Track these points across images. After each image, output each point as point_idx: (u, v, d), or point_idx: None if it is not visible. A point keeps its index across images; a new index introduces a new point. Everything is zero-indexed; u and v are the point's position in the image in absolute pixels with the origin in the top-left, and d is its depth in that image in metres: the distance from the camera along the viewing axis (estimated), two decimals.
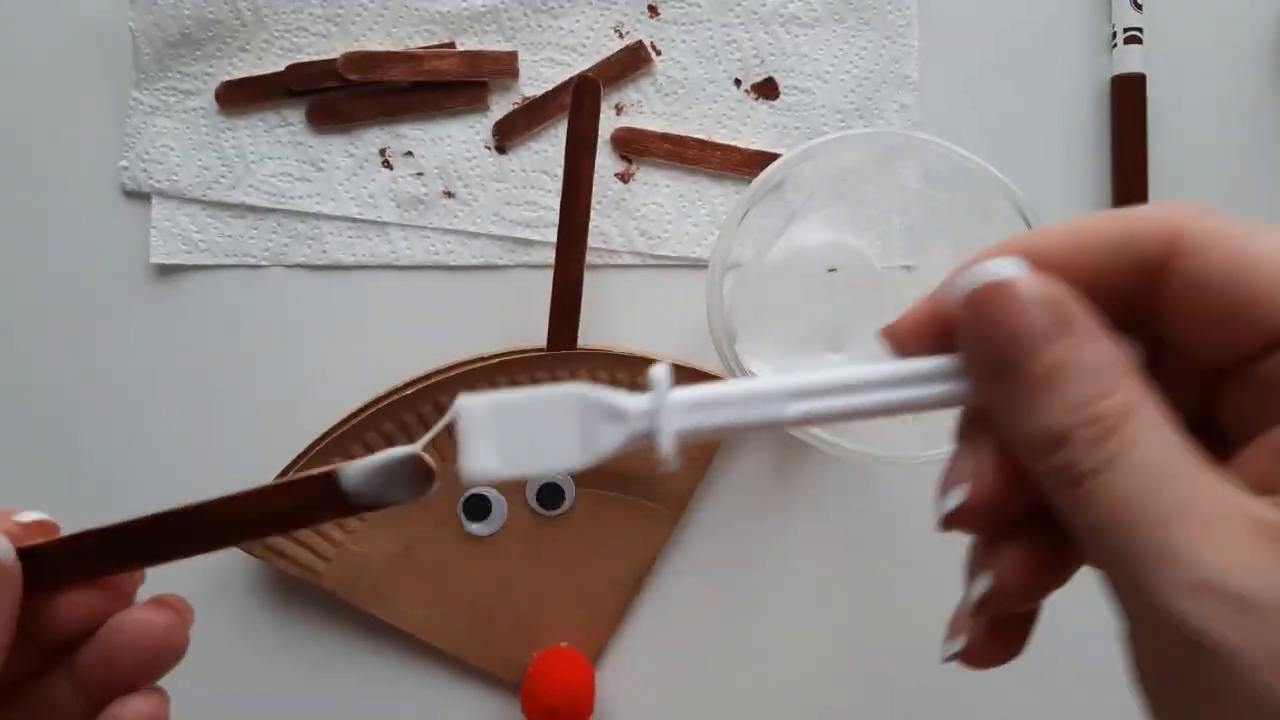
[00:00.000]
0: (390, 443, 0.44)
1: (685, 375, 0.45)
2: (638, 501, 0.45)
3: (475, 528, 0.45)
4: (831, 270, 0.43)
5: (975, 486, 0.21)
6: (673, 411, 0.22)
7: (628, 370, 0.44)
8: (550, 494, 0.45)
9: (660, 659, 0.46)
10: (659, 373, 0.23)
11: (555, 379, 0.44)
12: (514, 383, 0.44)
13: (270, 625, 0.46)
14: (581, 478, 0.45)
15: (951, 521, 0.22)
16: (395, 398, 0.44)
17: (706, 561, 0.46)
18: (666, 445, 0.22)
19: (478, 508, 0.45)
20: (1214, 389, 0.21)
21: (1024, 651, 0.23)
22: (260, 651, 0.46)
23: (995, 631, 0.23)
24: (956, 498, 0.21)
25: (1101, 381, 0.19)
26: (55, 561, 0.26)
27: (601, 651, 0.46)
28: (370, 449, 0.44)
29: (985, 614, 0.23)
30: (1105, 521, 0.18)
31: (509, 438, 0.23)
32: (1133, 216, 0.21)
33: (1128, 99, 0.46)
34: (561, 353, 0.44)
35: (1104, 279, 0.21)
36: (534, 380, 0.44)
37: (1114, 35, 0.47)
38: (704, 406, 0.22)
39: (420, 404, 0.44)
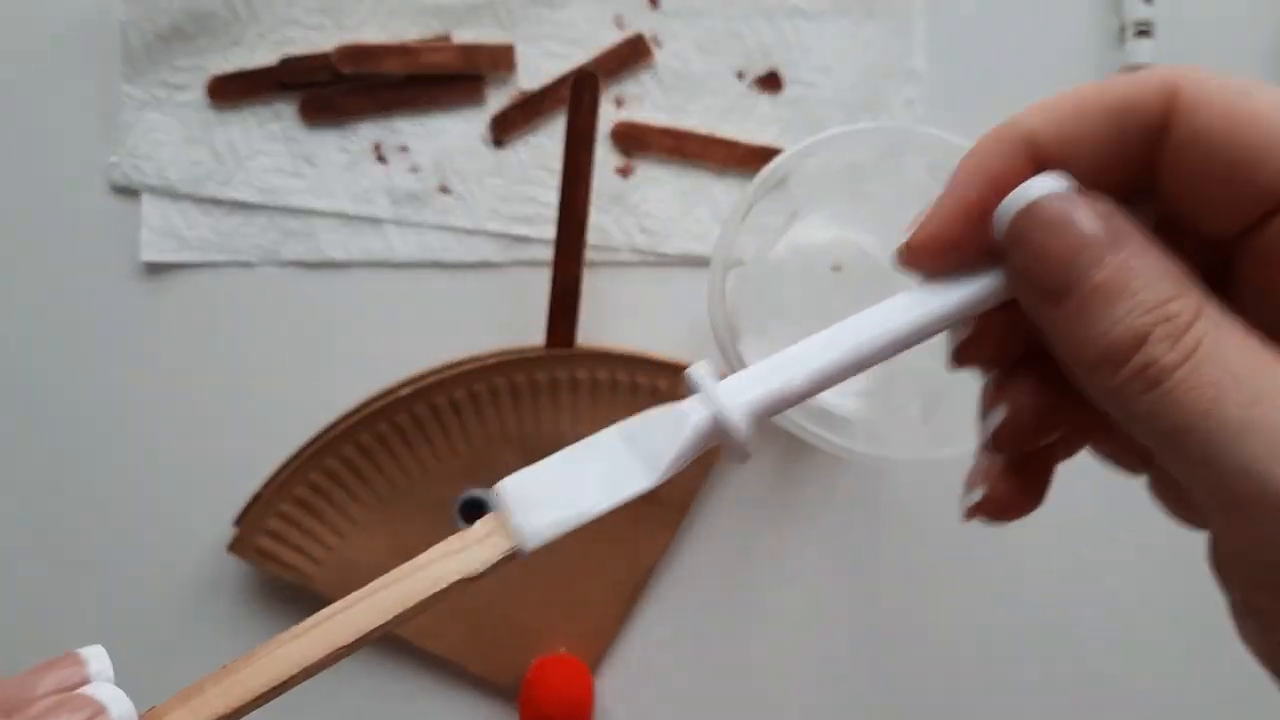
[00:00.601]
0: (385, 445, 0.43)
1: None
2: (639, 505, 0.44)
3: None
4: (836, 268, 0.42)
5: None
6: (730, 393, 0.22)
7: (627, 370, 0.43)
8: None
9: (661, 666, 0.45)
10: (699, 367, 0.22)
11: (554, 379, 0.43)
12: (511, 383, 0.43)
13: (262, 630, 0.45)
14: None
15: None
16: (390, 399, 0.43)
17: (711, 566, 0.45)
18: (740, 424, 0.21)
19: (475, 511, 0.44)
20: (1222, 264, 0.21)
21: (1042, 502, 0.24)
22: None
23: (1013, 478, 0.23)
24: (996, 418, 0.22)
25: (1170, 283, 0.19)
26: None
27: (601, 658, 0.45)
28: (364, 451, 0.43)
29: (1001, 448, 0.22)
30: (1192, 413, 0.18)
31: (562, 491, 0.22)
32: (1129, 81, 0.20)
33: None
34: (560, 352, 0.43)
35: (1107, 150, 0.20)
36: (533, 381, 0.43)
37: (1124, 28, 0.46)
38: (758, 380, 0.22)
39: (415, 405, 0.43)
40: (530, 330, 0.44)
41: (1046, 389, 0.22)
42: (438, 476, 0.44)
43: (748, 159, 0.45)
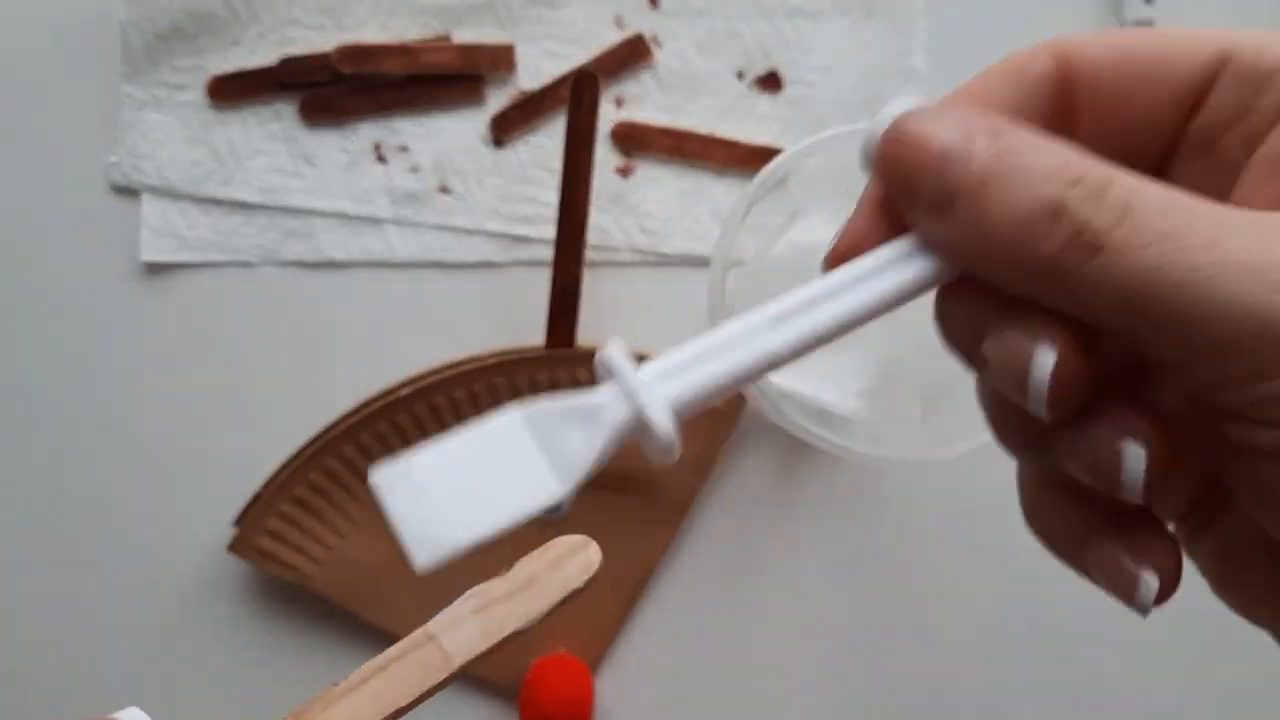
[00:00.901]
0: (385, 445, 0.43)
1: None
2: (639, 505, 0.44)
3: None
4: None
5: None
6: (651, 385, 0.18)
7: None
8: None
9: (661, 666, 0.45)
10: (613, 351, 0.19)
11: (554, 379, 0.43)
12: (511, 383, 0.43)
13: (261, 629, 0.45)
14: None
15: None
16: (390, 399, 0.43)
17: (711, 566, 0.45)
18: (663, 422, 0.18)
19: None
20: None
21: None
22: (250, 655, 0.45)
23: (1159, 540, 0.21)
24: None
25: (1063, 150, 0.17)
26: None
27: (601, 659, 0.45)
28: (364, 451, 0.43)
29: (1060, 391, 0.18)
30: (1144, 270, 0.16)
31: (453, 497, 0.18)
32: (1021, 52, 0.21)
33: None
34: (560, 352, 0.43)
35: (1015, 114, 0.20)
36: (533, 381, 0.43)
37: (1124, 25, 0.46)
38: (683, 368, 0.19)
39: (415, 405, 0.43)
40: (530, 330, 0.44)
41: (1155, 413, 0.19)
42: None
43: (748, 159, 0.45)
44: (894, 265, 0.19)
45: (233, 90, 0.45)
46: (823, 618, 0.45)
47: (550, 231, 0.43)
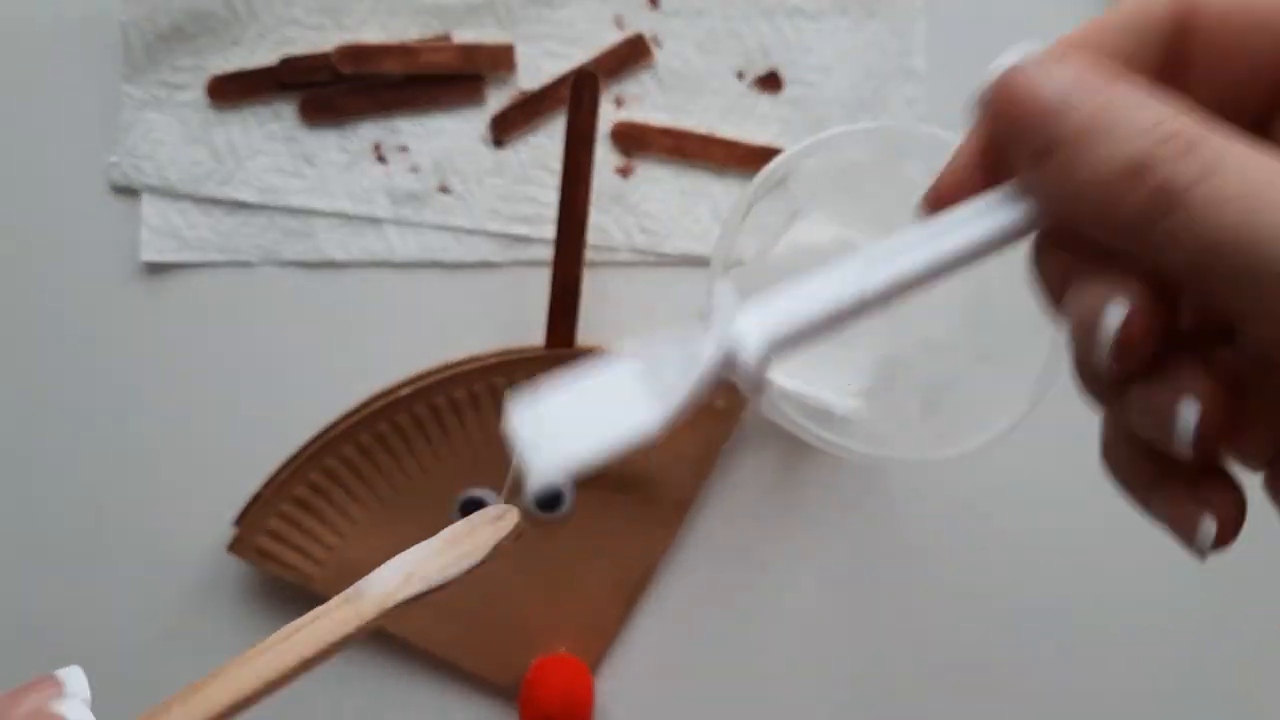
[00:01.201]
0: (384, 445, 0.43)
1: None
2: (639, 505, 0.44)
3: None
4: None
5: None
6: (746, 325, 0.20)
7: None
8: (549, 496, 0.44)
9: (661, 666, 0.46)
10: (715, 290, 0.21)
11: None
12: (511, 383, 0.43)
13: (263, 630, 0.45)
14: (581, 480, 0.44)
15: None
16: (390, 399, 0.43)
17: (712, 567, 0.45)
18: (752, 362, 0.20)
19: (474, 510, 0.44)
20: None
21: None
22: None
23: (1221, 486, 0.21)
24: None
25: (1161, 107, 0.18)
26: None
27: (601, 658, 0.45)
28: (364, 451, 0.43)
29: (1125, 346, 0.19)
30: (1220, 228, 0.17)
31: (569, 428, 0.21)
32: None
33: None
34: (560, 352, 0.43)
35: (1131, 62, 0.21)
36: (533, 380, 0.43)
37: None
38: (779, 309, 0.20)
39: (415, 405, 0.43)
40: (530, 330, 0.44)
41: (1216, 370, 0.19)
42: (438, 476, 0.44)
43: (748, 159, 0.45)
44: (991, 211, 0.20)
45: (232, 90, 0.45)
46: (823, 616, 0.45)
47: (550, 232, 0.43)
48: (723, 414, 0.44)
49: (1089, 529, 0.45)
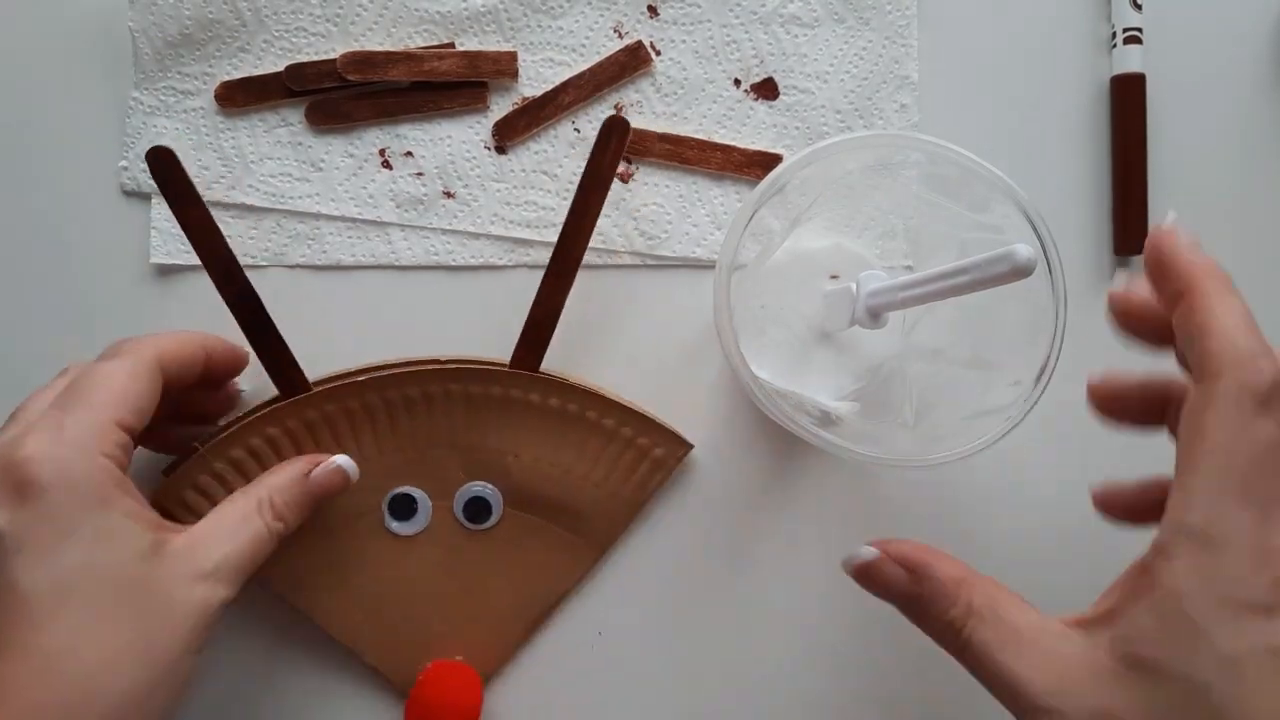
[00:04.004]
0: (330, 425, 0.43)
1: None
2: (562, 533, 0.45)
3: (396, 526, 0.45)
4: (834, 276, 0.43)
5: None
6: (865, 286, 0.39)
7: (579, 403, 0.44)
8: (477, 508, 0.45)
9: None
10: (865, 275, 0.39)
11: (508, 397, 0.43)
12: (467, 391, 0.43)
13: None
14: (512, 499, 0.45)
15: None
16: (345, 381, 0.43)
17: (691, 565, 0.46)
18: (862, 305, 0.38)
19: (403, 507, 0.44)
20: None
21: None
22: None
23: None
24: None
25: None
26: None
27: (496, 671, 0.46)
28: (309, 426, 0.43)
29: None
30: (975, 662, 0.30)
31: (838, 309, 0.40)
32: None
33: (1127, 99, 0.46)
34: (521, 373, 0.43)
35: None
36: (488, 394, 0.43)
37: (1114, 35, 0.47)
38: (884, 284, 0.38)
39: (368, 393, 0.43)
40: None
41: None
42: (376, 468, 0.44)
43: (745, 164, 0.46)
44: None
45: (241, 96, 0.46)
46: (811, 616, 0.46)
47: (551, 235, 0.44)
48: (659, 461, 0.45)
49: (1085, 527, 0.46)
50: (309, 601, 0.44)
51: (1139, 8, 0.46)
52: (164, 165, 0.40)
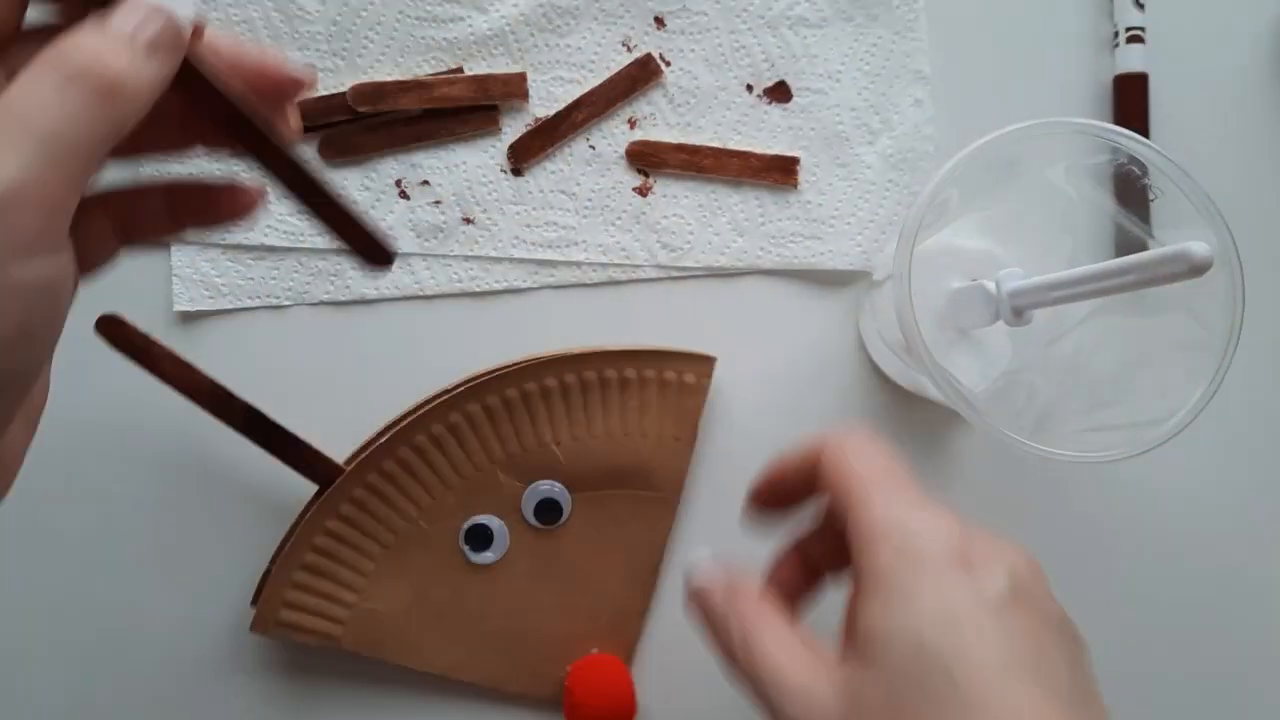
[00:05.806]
0: (377, 494, 0.44)
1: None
2: (636, 494, 0.45)
3: (480, 557, 0.44)
4: (974, 280, 0.41)
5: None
6: (1005, 284, 0.37)
7: (590, 367, 0.44)
8: (547, 507, 0.45)
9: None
10: (1004, 274, 0.38)
11: (524, 393, 0.44)
12: (484, 406, 0.44)
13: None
14: (576, 483, 0.45)
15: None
16: (370, 449, 0.43)
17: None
18: (1005, 300, 0.37)
19: (479, 536, 0.44)
20: None
21: None
22: None
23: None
24: None
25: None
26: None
27: (633, 650, 0.45)
28: (358, 504, 0.43)
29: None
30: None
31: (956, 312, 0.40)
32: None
33: (1130, 98, 0.46)
34: (527, 366, 0.43)
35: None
36: (504, 399, 0.44)
37: (1116, 34, 0.47)
38: (1028, 283, 0.37)
39: (397, 449, 0.43)
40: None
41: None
42: (437, 513, 0.44)
43: (762, 169, 0.46)
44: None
45: None
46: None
47: (574, 254, 0.44)
48: (692, 388, 0.44)
49: (1083, 526, 0.46)
50: (433, 661, 0.44)
51: (1141, 7, 0.46)
52: (113, 332, 0.40)
